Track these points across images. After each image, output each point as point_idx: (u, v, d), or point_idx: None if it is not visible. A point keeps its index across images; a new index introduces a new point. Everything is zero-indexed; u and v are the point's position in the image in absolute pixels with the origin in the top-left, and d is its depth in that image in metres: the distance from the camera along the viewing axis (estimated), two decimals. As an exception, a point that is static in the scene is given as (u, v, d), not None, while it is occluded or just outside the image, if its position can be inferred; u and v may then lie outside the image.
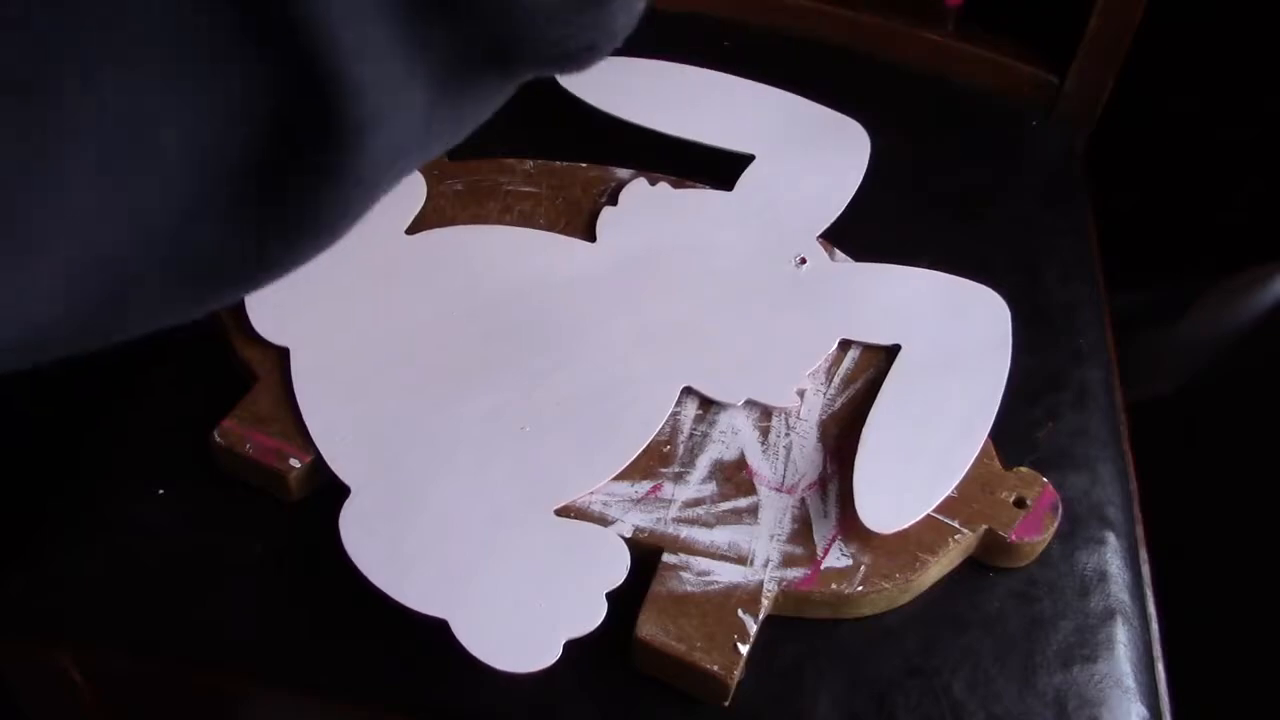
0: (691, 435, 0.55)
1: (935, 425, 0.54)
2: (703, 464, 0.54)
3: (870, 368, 0.57)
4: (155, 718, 0.55)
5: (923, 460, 0.53)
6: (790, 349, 0.57)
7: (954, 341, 0.58)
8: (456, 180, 0.65)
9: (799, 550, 0.51)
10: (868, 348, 0.58)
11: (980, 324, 0.58)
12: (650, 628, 0.48)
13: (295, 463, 0.52)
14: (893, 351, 0.58)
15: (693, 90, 0.70)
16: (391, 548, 0.50)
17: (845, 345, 0.58)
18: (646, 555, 0.50)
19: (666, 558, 0.50)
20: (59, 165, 0.24)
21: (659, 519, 0.52)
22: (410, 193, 0.63)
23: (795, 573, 0.50)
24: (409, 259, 0.61)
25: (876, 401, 0.55)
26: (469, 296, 0.59)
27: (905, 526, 0.51)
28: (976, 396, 0.55)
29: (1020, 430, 0.56)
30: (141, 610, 0.50)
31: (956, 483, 0.52)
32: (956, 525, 0.51)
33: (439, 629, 0.47)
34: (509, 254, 0.62)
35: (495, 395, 0.55)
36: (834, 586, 0.50)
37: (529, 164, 0.66)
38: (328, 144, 0.26)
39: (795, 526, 0.52)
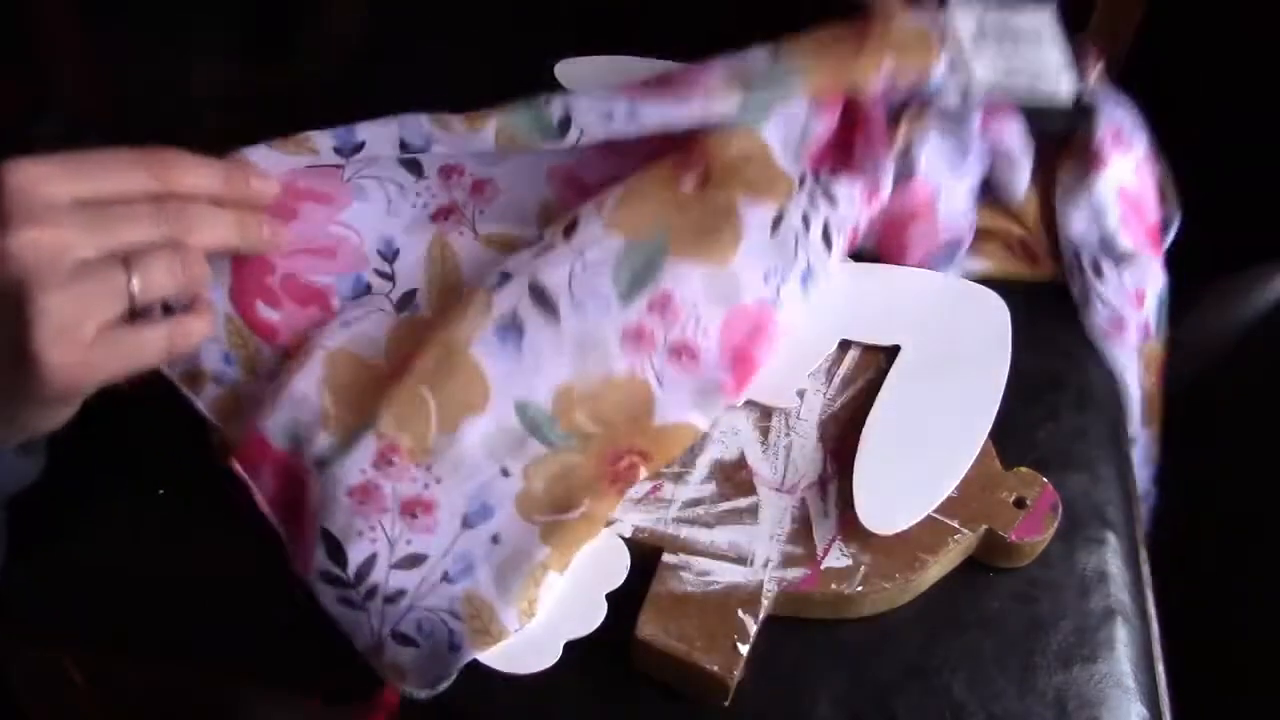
0: (691, 435, 0.55)
1: (935, 426, 0.54)
2: (703, 464, 0.54)
3: (870, 368, 0.57)
4: (155, 718, 0.55)
5: (922, 461, 0.53)
6: (790, 349, 0.57)
7: (953, 342, 0.58)
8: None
9: (799, 550, 0.51)
10: (868, 348, 0.58)
11: (980, 324, 0.58)
12: (650, 628, 0.48)
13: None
14: (892, 352, 0.58)
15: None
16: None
17: (845, 345, 0.58)
18: (646, 555, 0.50)
19: (666, 558, 0.50)
20: None
21: (659, 519, 0.52)
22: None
23: (795, 573, 0.50)
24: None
25: (876, 403, 0.55)
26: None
27: (905, 528, 0.51)
28: (976, 397, 0.55)
29: (1020, 430, 0.56)
30: (142, 611, 0.50)
31: (956, 483, 0.52)
32: (956, 525, 0.51)
33: (439, 629, 0.47)
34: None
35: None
36: (834, 586, 0.50)
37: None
38: None
39: (795, 526, 0.52)
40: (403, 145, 0.56)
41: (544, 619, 0.48)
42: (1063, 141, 0.63)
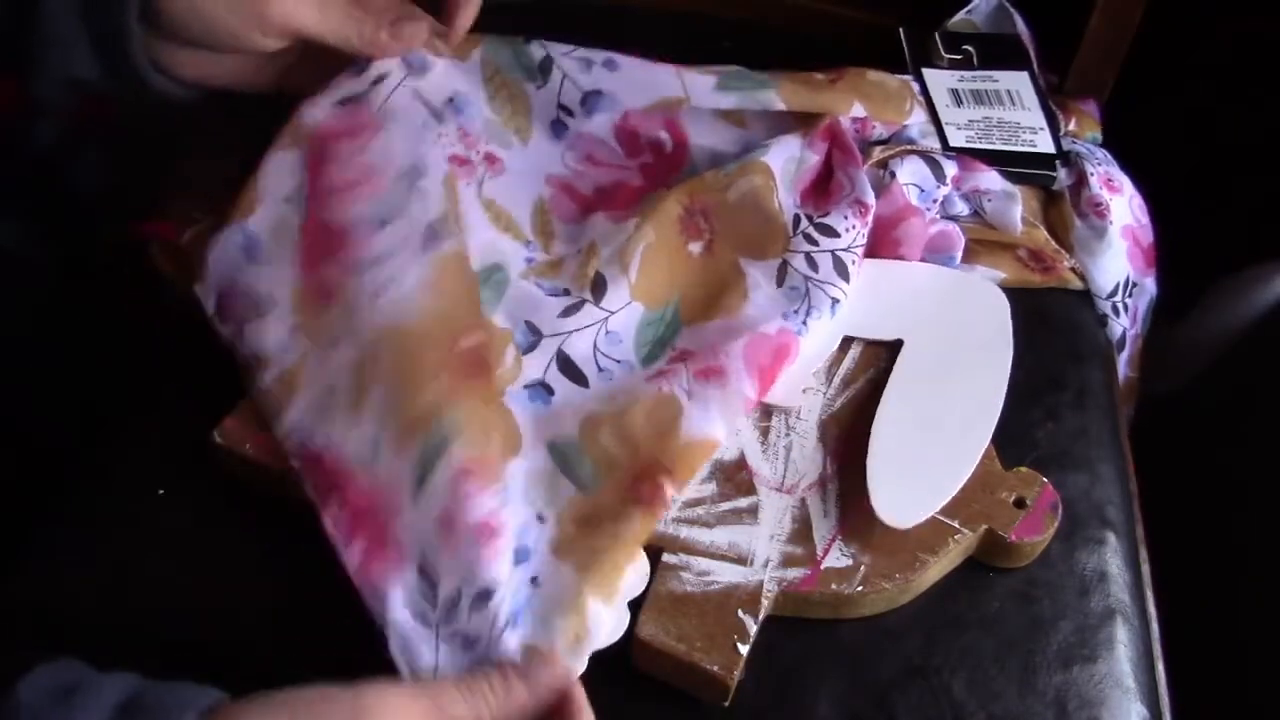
0: (691, 435, 0.55)
1: (944, 417, 0.54)
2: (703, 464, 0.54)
3: (870, 367, 0.57)
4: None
5: (934, 453, 0.53)
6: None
7: (956, 334, 0.58)
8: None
9: (799, 550, 0.51)
10: (867, 347, 0.58)
11: (980, 314, 0.59)
12: (650, 628, 0.48)
13: (296, 462, 0.52)
14: (892, 350, 0.58)
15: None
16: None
17: (844, 345, 0.58)
18: (647, 555, 0.50)
19: (666, 558, 0.50)
20: None
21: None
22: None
23: (795, 573, 0.50)
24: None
25: (884, 398, 0.55)
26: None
27: (924, 519, 0.50)
28: (983, 386, 0.55)
29: (1020, 430, 0.56)
30: (141, 611, 0.50)
31: (970, 472, 0.52)
32: (956, 525, 0.51)
33: (439, 629, 0.47)
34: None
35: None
36: (834, 586, 0.50)
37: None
38: None
39: (795, 526, 0.52)
40: (405, 63, 0.59)
41: None
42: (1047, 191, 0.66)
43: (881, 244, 0.60)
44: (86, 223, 0.66)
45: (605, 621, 0.47)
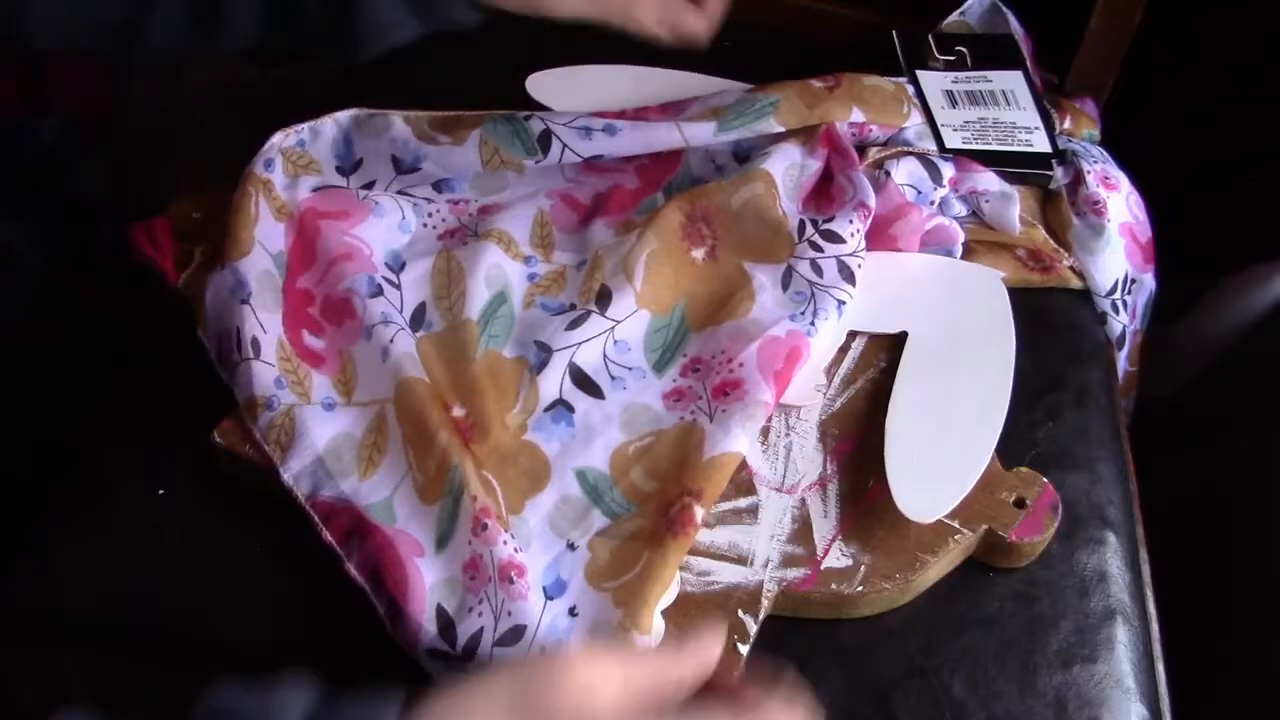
0: (691, 435, 0.55)
1: (956, 408, 0.54)
2: (703, 464, 0.54)
3: (870, 367, 0.57)
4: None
5: (951, 445, 0.53)
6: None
7: (958, 323, 0.58)
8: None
9: (799, 550, 0.51)
10: (867, 347, 0.58)
11: (980, 301, 0.59)
12: (650, 628, 0.48)
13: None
14: (891, 349, 0.58)
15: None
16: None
17: (845, 345, 0.58)
18: (646, 555, 0.50)
19: (667, 558, 0.50)
20: None
21: (659, 519, 0.51)
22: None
23: (795, 573, 0.50)
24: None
25: (894, 394, 0.55)
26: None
27: (948, 512, 0.50)
28: (989, 374, 0.56)
29: (1020, 430, 0.56)
30: (142, 611, 0.50)
31: (988, 461, 0.52)
32: (956, 525, 0.51)
33: (439, 629, 0.47)
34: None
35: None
36: (834, 586, 0.50)
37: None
38: None
39: (795, 526, 0.52)
40: (395, 162, 0.60)
41: None
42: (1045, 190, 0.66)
43: (878, 241, 0.60)
44: (86, 223, 0.66)
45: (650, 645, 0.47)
